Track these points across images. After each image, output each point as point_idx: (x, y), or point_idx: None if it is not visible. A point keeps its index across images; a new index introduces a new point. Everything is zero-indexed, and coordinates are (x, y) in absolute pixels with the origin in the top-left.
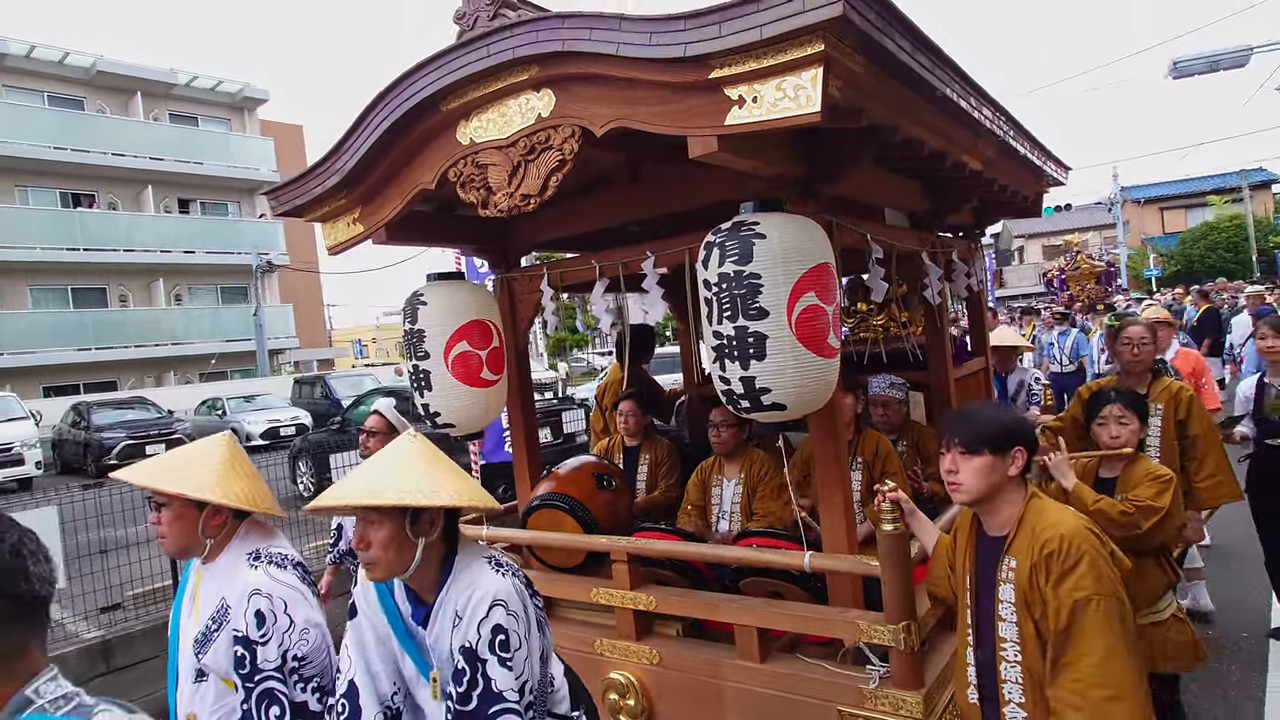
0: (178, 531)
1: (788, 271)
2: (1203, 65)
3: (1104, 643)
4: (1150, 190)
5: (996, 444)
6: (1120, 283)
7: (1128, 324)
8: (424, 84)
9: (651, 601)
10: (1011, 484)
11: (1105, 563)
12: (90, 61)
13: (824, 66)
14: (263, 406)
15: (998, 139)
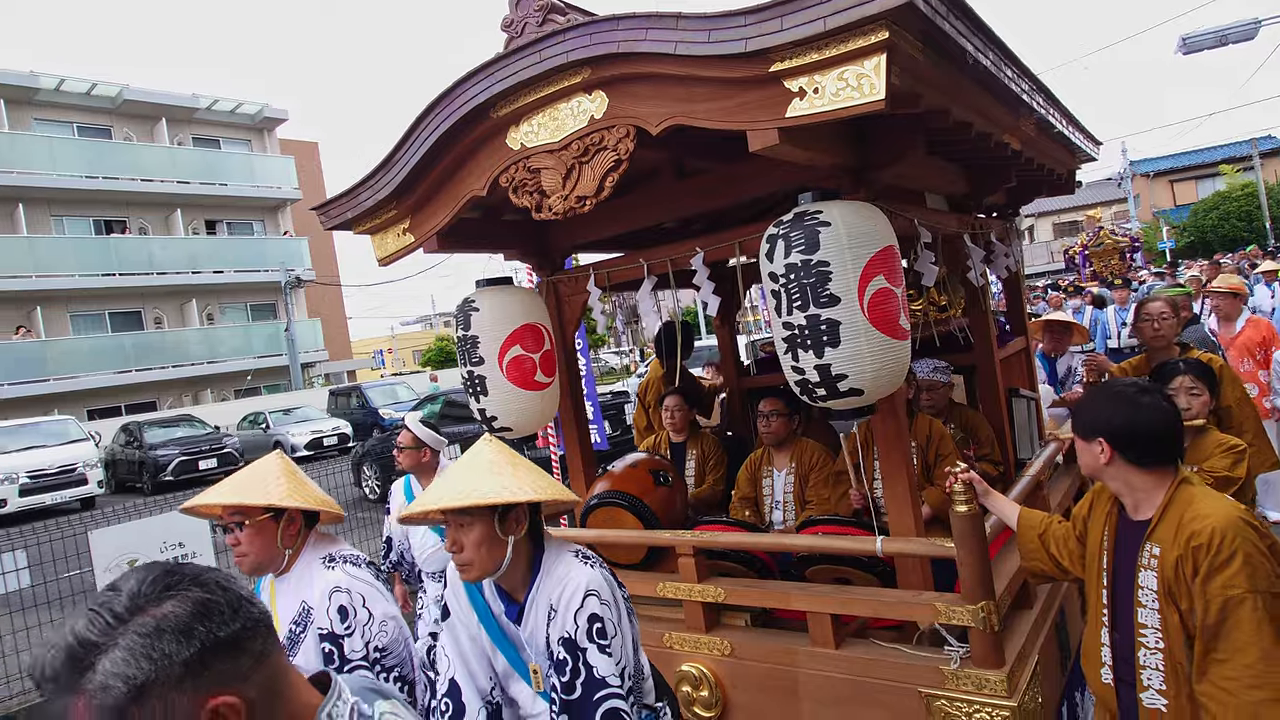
0: (259, 546)
1: (856, 257)
2: (1211, 40)
3: (1260, 642)
4: (1159, 163)
5: (1083, 431)
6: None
7: (1147, 300)
8: (474, 92)
9: (720, 593)
10: (1115, 469)
11: (1263, 556)
12: (116, 91)
13: (887, 54)
14: (303, 419)
15: (1038, 117)
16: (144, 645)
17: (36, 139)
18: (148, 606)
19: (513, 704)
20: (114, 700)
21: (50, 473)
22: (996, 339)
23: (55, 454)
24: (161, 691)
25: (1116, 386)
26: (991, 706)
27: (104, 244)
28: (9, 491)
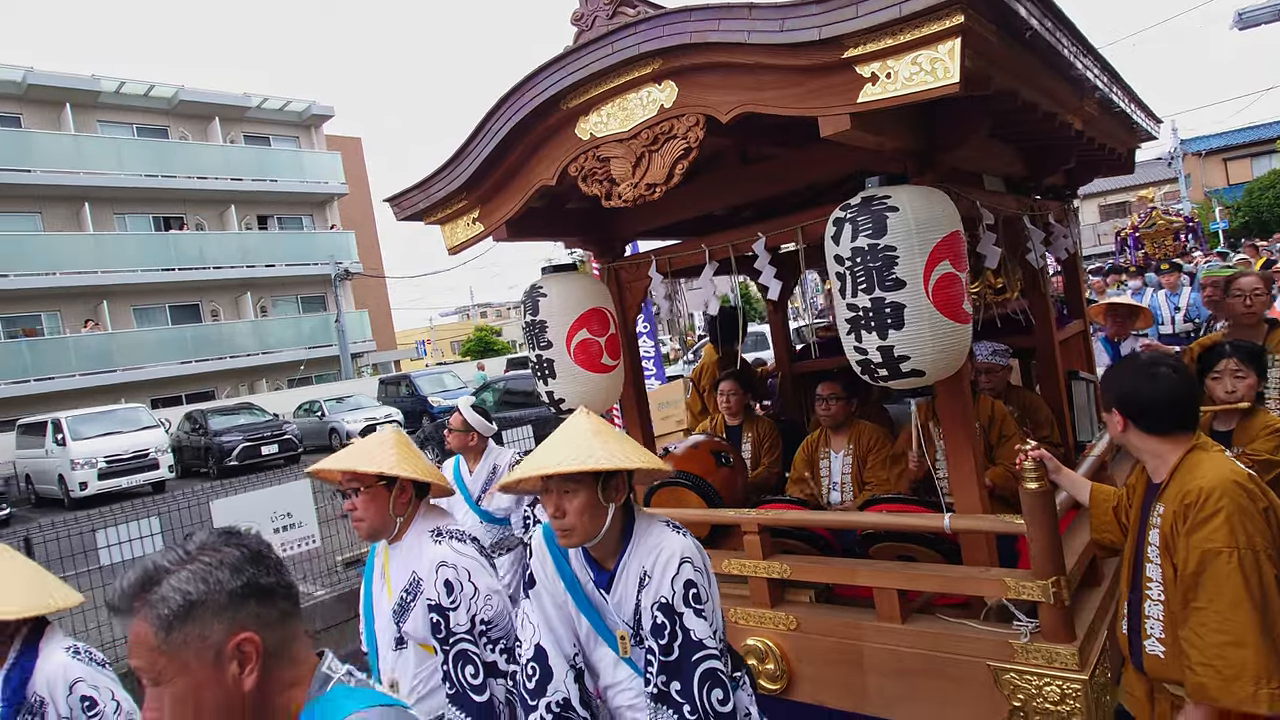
0: (374, 512)
1: (923, 242)
2: (1269, 14)
3: (1231, 593)
4: (1211, 141)
5: (1104, 402)
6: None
7: (1239, 275)
8: (546, 85)
9: (786, 569)
10: (1131, 436)
11: (1247, 516)
12: (172, 92)
13: (962, 38)
14: (355, 406)
15: (1101, 96)
16: (203, 571)
17: (101, 140)
18: (213, 549)
19: (593, 670)
20: (169, 610)
21: (126, 458)
22: (1055, 321)
23: (130, 440)
24: (205, 612)
25: (1132, 360)
26: (1063, 680)
27: (164, 240)
28: (89, 475)
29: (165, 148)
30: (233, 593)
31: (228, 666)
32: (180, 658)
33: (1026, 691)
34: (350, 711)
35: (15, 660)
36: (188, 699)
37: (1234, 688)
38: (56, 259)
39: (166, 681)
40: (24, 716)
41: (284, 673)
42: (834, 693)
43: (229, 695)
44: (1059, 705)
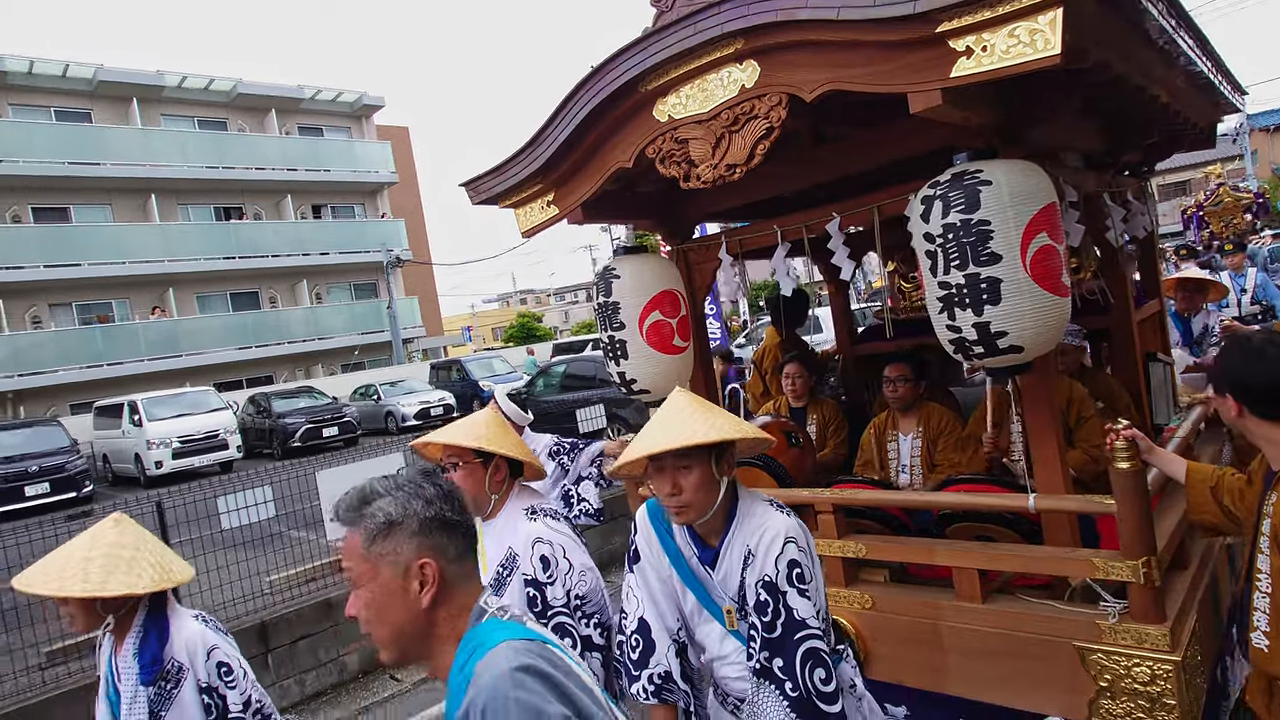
0: (470, 486)
1: (1019, 215)
2: None
3: None
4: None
5: (1216, 385)
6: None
7: None
8: (625, 68)
9: (861, 549)
10: (1247, 422)
11: None
12: (231, 85)
13: (1063, 8)
14: (409, 390)
15: (1189, 65)
16: (405, 499)
17: (165, 134)
18: (413, 483)
19: (699, 646)
20: (374, 525)
21: (198, 438)
22: (1133, 301)
23: (201, 421)
24: (399, 532)
25: (1246, 340)
26: (1153, 660)
27: (225, 229)
28: (164, 454)
29: (225, 140)
30: (423, 521)
31: (411, 583)
32: (377, 567)
33: (1114, 672)
34: (500, 640)
35: (144, 629)
36: (377, 602)
37: None
38: (126, 248)
39: (364, 585)
40: (160, 683)
41: (454, 600)
42: (912, 672)
43: (409, 607)
44: (1149, 686)
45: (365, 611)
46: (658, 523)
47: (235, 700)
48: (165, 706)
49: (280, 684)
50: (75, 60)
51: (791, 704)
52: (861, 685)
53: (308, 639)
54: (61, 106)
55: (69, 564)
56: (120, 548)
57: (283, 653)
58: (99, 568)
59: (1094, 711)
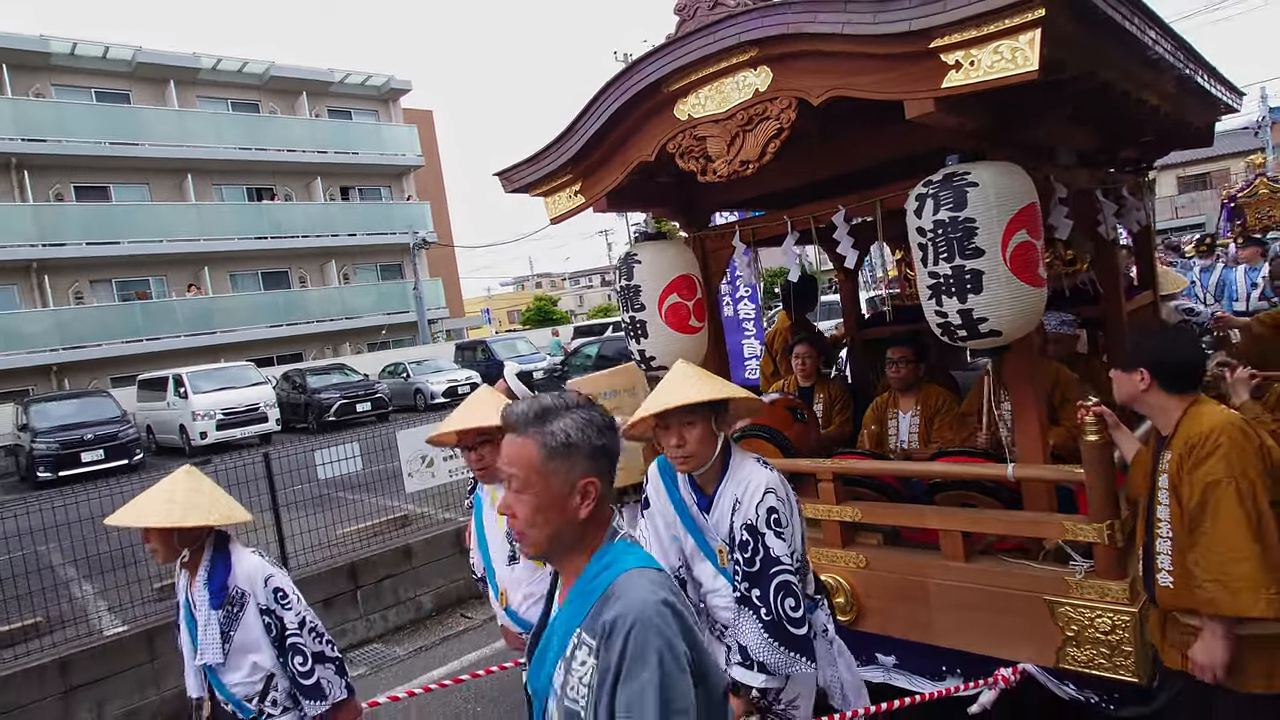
0: (494, 459)
1: (1002, 213)
2: None
3: (1230, 516)
4: None
5: (1125, 364)
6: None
7: None
8: (651, 70)
9: (857, 514)
10: (1151, 395)
11: (1240, 451)
12: (264, 68)
13: (1041, 29)
14: (436, 369)
15: (1178, 73)
16: (583, 423)
17: (201, 115)
18: (585, 409)
19: (695, 582)
20: (554, 441)
21: (239, 411)
22: (1125, 292)
23: (242, 394)
24: (575, 452)
25: (1159, 327)
26: (1114, 612)
27: (257, 210)
28: (209, 425)
29: (257, 122)
30: (595, 447)
31: (574, 497)
32: (548, 479)
33: (1080, 623)
34: (630, 566)
35: (210, 563)
36: (542, 508)
37: (1239, 599)
38: (163, 227)
39: (531, 492)
40: (227, 607)
41: (599, 516)
42: (901, 625)
43: (567, 518)
44: (1109, 635)
45: (527, 513)
46: (666, 476)
47: (291, 620)
48: (234, 627)
49: (367, 618)
50: (115, 42)
51: (765, 625)
52: (833, 630)
53: (390, 579)
54: (102, 87)
55: (153, 503)
56: (195, 492)
57: (368, 590)
58: (179, 506)
59: (1061, 658)
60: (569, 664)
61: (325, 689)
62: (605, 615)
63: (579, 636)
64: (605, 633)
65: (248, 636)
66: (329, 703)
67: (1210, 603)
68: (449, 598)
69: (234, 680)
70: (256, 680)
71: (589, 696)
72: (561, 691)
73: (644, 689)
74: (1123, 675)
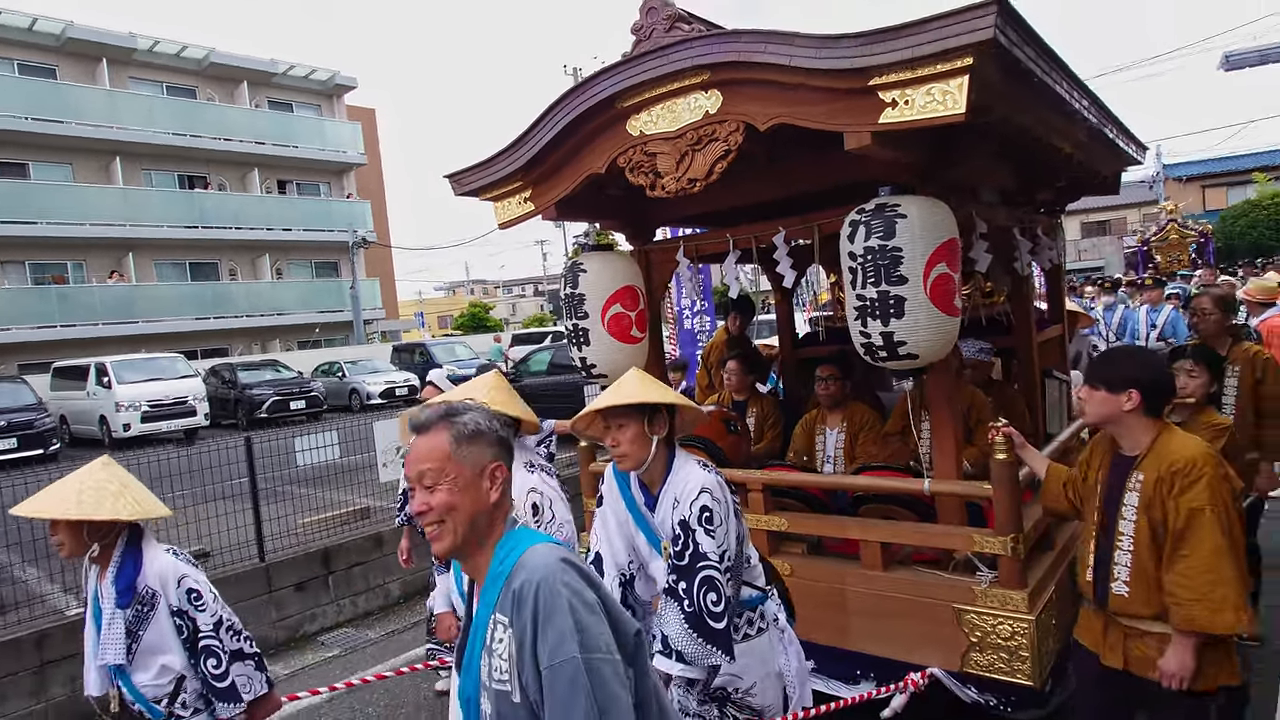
0: None
1: (925, 245)
2: (1253, 59)
3: (1213, 542)
4: (1192, 168)
5: (1113, 384)
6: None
7: (1196, 297)
8: (605, 86)
9: (784, 523)
10: (1132, 416)
11: (1221, 481)
12: (204, 54)
13: (969, 76)
14: (373, 370)
15: (1090, 125)
16: (487, 415)
17: (134, 97)
18: (486, 409)
19: (649, 579)
20: (465, 430)
21: (167, 403)
22: (1036, 325)
23: (170, 387)
24: (482, 439)
25: (1139, 352)
26: (1014, 620)
27: (188, 198)
28: (133, 417)
29: (194, 108)
30: (499, 437)
31: (484, 481)
32: (461, 465)
33: (983, 629)
34: (531, 543)
35: (122, 559)
36: (456, 494)
37: (1220, 617)
38: (86, 210)
39: (447, 480)
40: (136, 606)
41: (504, 505)
42: (823, 631)
43: (479, 502)
44: (1009, 641)
45: (445, 501)
46: (619, 477)
47: (205, 622)
48: (142, 626)
49: (337, 602)
50: (44, 16)
51: (686, 617)
52: (784, 620)
53: (361, 566)
54: (25, 60)
55: (64, 494)
56: (108, 482)
57: (339, 576)
58: (90, 497)
59: (965, 663)
60: (490, 649)
61: (242, 690)
62: (513, 585)
63: (494, 619)
64: (515, 600)
65: (157, 638)
66: (244, 704)
67: (1190, 620)
68: (414, 586)
69: (142, 681)
70: (165, 682)
71: (511, 668)
72: (489, 680)
73: (561, 635)
74: (1020, 679)
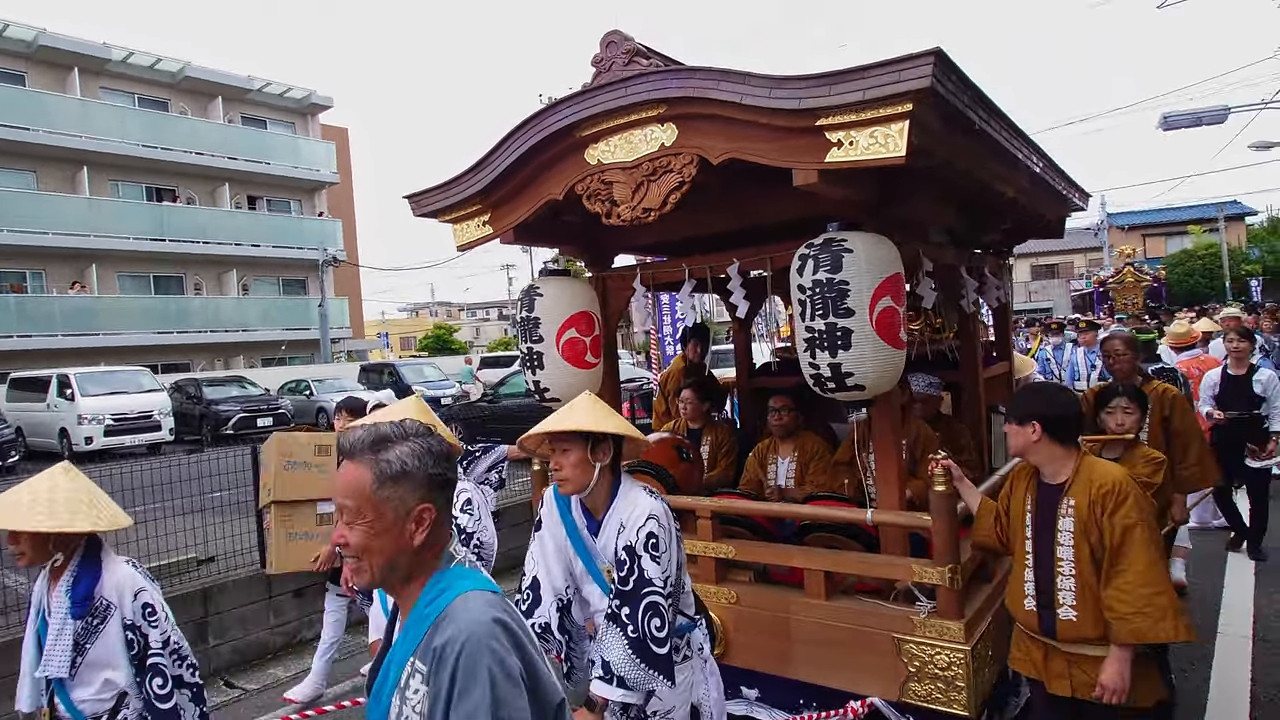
0: None
1: (871, 279)
2: (1188, 120)
3: (1147, 555)
4: (1134, 218)
5: (1019, 418)
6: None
7: (1107, 339)
8: (564, 115)
9: (731, 550)
10: (1041, 445)
11: (1144, 499)
12: (178, 67)
13: (909, 121)
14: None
15: (1031, 172)
16: (419, 453)
17: (104, 107)
18: (422, 437)
19: (584, 602)
20: (388, 469)
21: (131, 417)
22: (983, 361)
23: (135, 400)
24: (408, 480)
25: (1041, 387)
26: (950, 650)
27: (156, 211)
28: (96, 431)
29: (166, 120)
30: (431, 476)
31: (408, 524)
32: (381, 506)
33: (921, 659)
34: (468, 587)
35: (78, 570)
36: (374, 536)
37: (1161, 626)
38: (49, 219)
39: (364, 521)
40: (88, 618)
41: (433, 543)
42: (764, 659)
43: (401, 545)
44: (946, 670)
45: (360, 541)
46: (559, 500)
47: (156, 639)
48: (90, 639)
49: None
50: (16, 22)
51: (630, 643)
52: (709, 650)
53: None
54: None
55: (34, 503)
56: (78, 492)
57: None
58: (64, 508)
59: (904, 692)
60: (403, 694)
61: (180, 716)
62: (436, 640)
63: (413, 664)
64: (436, 657)
65: (104, 651)
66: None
67: (1135, 632)
68: None
69: (82, 696)
70: (107, 698)
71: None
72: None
73: (475, 708)
74: (956, 709)
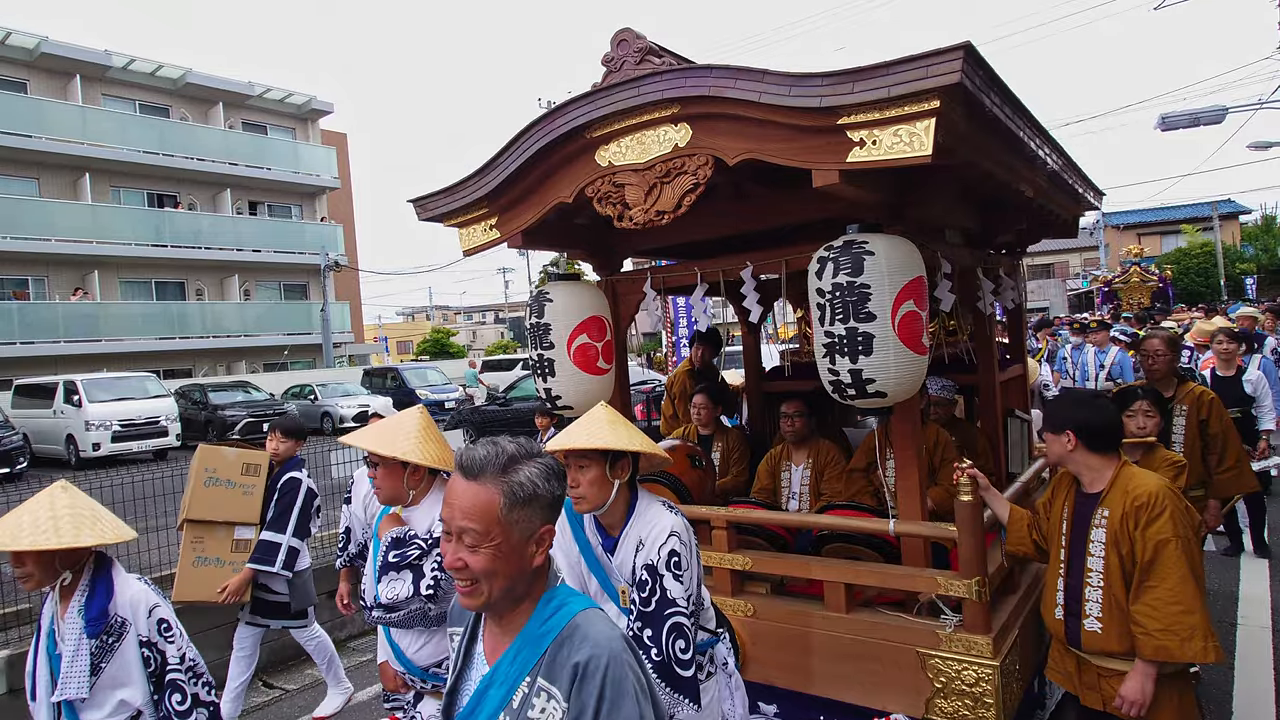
0: (387, 485)
1: (893, 283)
2: (1186, 121)
3: (1179, 572)
4: (1129, 217)
5: (1054, 426)
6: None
7: (1148, 338)
8: (575, 116)
9: (748, 562)
10: (1078, 454)
11: (1182, 513)
12: (179, 74)
13: (936, 118)
14: (345, 393)
15: (1051, 170)
16: (545, 473)
17: (106, 114)
18: (544, 456)
19: None
20: (519, 491)
21: (139, 423)
22: (999, 363)
23: (142, 406)
24: (535, 502)
25: (1078, 394)
26: (978, 665)
27: (158, 216)
28: (103, 437)
29: (167, 127)
30: (554, 497)
31: (531, 545)
32: (509, 529)
33: (948, 675)
34: (581, 607)
35: (89, 588)
36: (500, 558)
37: (1189, 646)
38: (52, 225)
39: (491, 544)
40: (103, 636)
41: (547, 565)
42: (784, 674)
43: (524, 566)
44: (974, 687)
45: (485, 565)
46: (572, 516)
47: (173, 655)
48: (106, 659)
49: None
50: (18, 30)
51: (655, 666)
52: (734, 664)
53: None
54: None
55: (36, 523)
56: (78, 508)
57: None
58: (68, 524)
59: (930, 709)
60: (520, 714)
61: None
62: (575, 657)
63: (532, 684)
64: (579, 675)
65: (120, 670)
66: None
67: (1161, 650)
68: None
69: (94, 718)
70: (121, 719)
71: None
72: None
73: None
74: None
